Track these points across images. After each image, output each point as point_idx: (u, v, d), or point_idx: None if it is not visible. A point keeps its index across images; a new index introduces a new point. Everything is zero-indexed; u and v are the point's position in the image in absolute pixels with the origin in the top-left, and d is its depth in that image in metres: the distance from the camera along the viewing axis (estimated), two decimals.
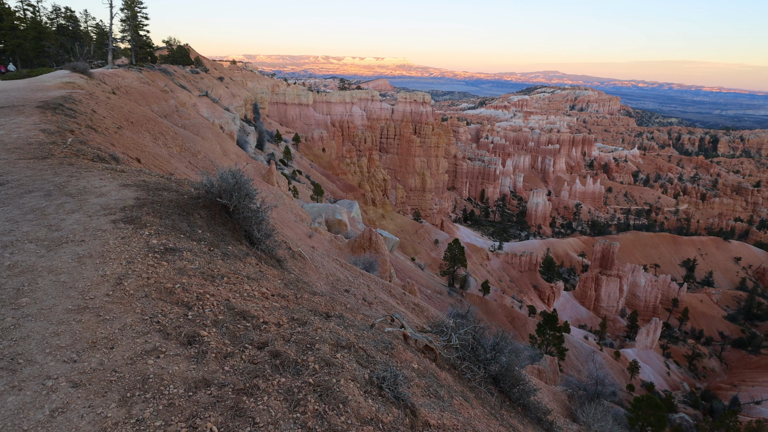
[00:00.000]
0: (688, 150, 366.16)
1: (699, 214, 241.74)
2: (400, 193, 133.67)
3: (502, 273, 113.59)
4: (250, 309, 5.62)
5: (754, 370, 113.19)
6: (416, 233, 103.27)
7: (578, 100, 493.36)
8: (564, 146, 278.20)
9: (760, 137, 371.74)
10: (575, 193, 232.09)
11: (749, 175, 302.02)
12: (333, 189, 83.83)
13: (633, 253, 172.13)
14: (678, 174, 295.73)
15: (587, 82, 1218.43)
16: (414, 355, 7.79)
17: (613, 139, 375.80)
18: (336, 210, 33.28)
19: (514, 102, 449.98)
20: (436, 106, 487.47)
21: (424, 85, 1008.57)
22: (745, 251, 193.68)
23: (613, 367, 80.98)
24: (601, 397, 20.34)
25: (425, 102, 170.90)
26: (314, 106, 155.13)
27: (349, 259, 18.57)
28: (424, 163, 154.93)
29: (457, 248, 60.02)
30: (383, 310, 11.06)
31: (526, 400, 10.00)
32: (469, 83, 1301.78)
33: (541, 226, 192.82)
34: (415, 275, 54.14)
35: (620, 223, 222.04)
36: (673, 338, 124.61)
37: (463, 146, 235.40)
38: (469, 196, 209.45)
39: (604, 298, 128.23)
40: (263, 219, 8.16)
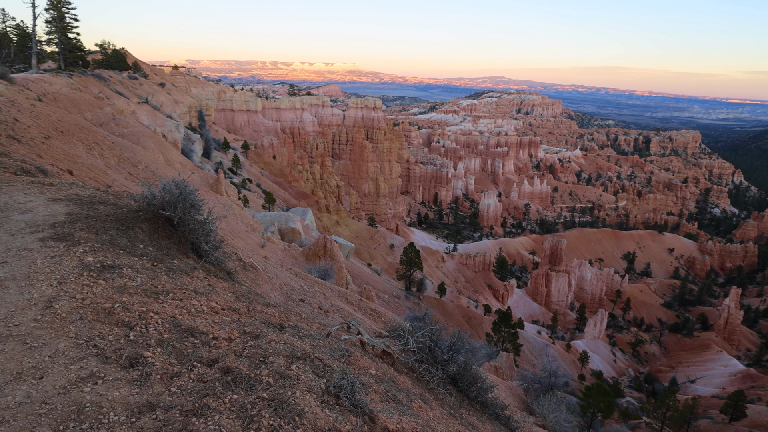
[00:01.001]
0: (625, 150, 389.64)
1: (636, 210, 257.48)
2: (354, 199, 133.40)
3: (457, 274, 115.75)
4: (199, 325, 5.38)
5: (689, 351, 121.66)
6: (372, 239, 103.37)
7: (524, 104, 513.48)
8: (512, 149, 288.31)
9: (685, 137, 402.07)
10: (524, 193, 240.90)
11: (678, 172, 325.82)
12: (285, 197, 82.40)
13: (579, 249, 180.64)
14: (617, 173, 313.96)
15: (531, 86, 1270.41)
16: (372, 361, 7.75)
17: (557, 141, 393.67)
18: (289, 218, 32.69)
19: (463, 106, 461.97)
20: (387, 111, 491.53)
21: (375, 90, 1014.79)
22: (677, 242, 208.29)
23: (565, 358, 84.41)
24: (554, 388, 21.05)
25: (377, 107, 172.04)
26: (263, 112, 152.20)
27: (304, 268, 18.28)
28: (378, 168, 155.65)
29: (412, 252, 60.59)
30: (340, 318, 10.95)
31: (484, 398, 10.17)
32: (419, 88, 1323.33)
33: (493, 227, 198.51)
34: (371, 281, 54.11)
35: (566, 221, 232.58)
36: (618, 327, 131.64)
37: (416, 151, 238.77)
38: (423, 200, 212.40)
39: (555, 293, 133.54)
40: (211, 230, 7.85)
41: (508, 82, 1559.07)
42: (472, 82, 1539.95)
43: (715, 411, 69.93)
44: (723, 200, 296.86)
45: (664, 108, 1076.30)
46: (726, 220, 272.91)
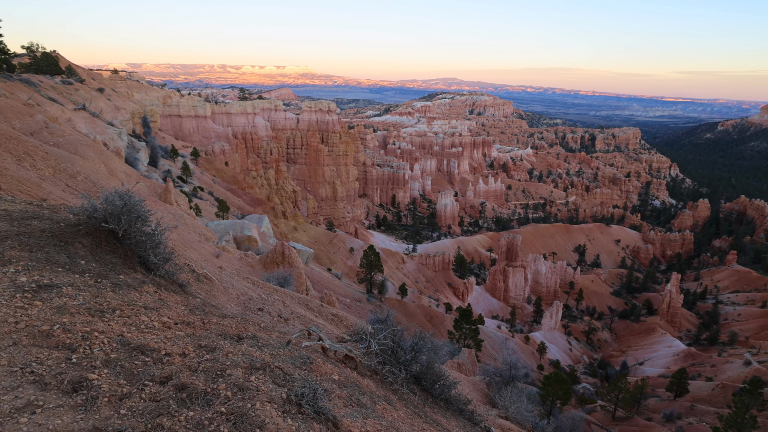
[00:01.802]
0: (572, 147, 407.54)
1: (585, 204, 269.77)
2: (311, 204, 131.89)
3: (417, 274, 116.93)
4: (150, 342, 5.13)
5: (637, 335, 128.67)
6: (331, 243, 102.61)
7: (476, 105, 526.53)
8: (466, 149, 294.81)
9: (626, 134, 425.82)
10: (479, 192, 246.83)
11: (621, 167, 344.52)
12: (240, 204, 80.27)
13: (533, 244, 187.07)
14: (566, 169, 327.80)
15: (483, 88, 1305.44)
16: (334, 367, 7.68)
17: (509, 140, 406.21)
18: (244, 226, 31.85)
19: (417, 108, 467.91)
20: (341, 114, 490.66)
21: (329, 93, 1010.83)
22: (623, 234, 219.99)
23: (524, 350, 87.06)
24: (515, 380, 21.59)
25: (331, 110, 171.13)
26: (213, 117, 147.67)
27: (262, 276, 17.86)
28: (334, 172, 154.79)
29: (372, 254, 60.64)
30: (300, 325, 10.78)
31: (448, 394, 10.29)
32: (373, 91, 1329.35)
33: (450, 226, 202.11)
34: (332, 286, 53.69)
35: (521, 218, 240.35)
36: (572, 317, 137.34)
37: (372, 153, 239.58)
38: (381, 202, 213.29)
39: (512, 288, 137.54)
40: (160, 242, 7.50)
41: (461, 83, 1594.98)
42: (425, 84, 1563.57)
43: (662, 389, 74.28)
44: (662, 192, 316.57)
45: (607, 107, 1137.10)
46: (665, 210, 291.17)
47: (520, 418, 16.16)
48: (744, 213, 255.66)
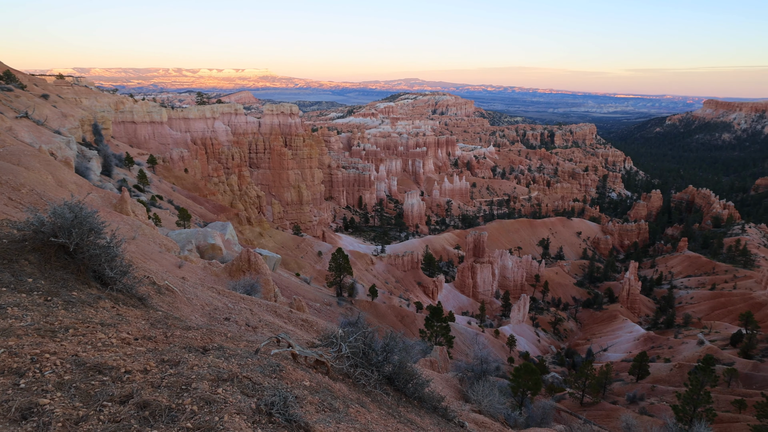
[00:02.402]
0: (533, 144, 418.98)
1: (547, 199, 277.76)
2: (276, 209, 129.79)
3: (387, 275, 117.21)
4: (108, 360, 4.89)
5: (600, 323, 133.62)
6: (298, 248, 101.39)
7: (438, 105, 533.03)
8: (431, 148, 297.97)
9: (583, 130, 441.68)
10: (445, 191, 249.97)
11: (579, 162, 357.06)
12: (202, 212, 78.05)
13: (499, 239, 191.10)
14: (527, 166, 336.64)
15: (445, 87, 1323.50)
16: (305, 373, 7.58)
17: (471, 138, 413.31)
18: (207, 234, 30.94)
19: (380, 109, 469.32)
20: (304, 116, 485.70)
21: (290, 96, 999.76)
22: (584, 226, 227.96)
23: (494, 344, 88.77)
24: (487, 374, 21.91)
25: (293, 113, 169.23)
26: (170, 123, 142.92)
27: (228, 285, 17.41)
28: (299, 176, 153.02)
29: (341, 257, 60.33)
30: (269, 333, 10.57)
31: (421, 393, 10.33)
32: (335, 92, 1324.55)
33: (418, 226, 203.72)
34: (301, 291, 53.03)
35: (486, 214, 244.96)
36: (539, 309, 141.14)
37: (336, 155, 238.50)
38: (348, 204, 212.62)
39: (481, 283, 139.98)
40: (116, 255, 7.15)
41: (423, 83, 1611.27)
42: (387, 85, 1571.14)
43: (625, 373, 77.47)
44: (618, 185, 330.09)
45: (564, 104, 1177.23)
46: (621, 202, 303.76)
47: (492, 411, 16.43)
48: (692, 202, 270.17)
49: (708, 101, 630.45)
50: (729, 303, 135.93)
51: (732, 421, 47.62)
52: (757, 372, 69.09)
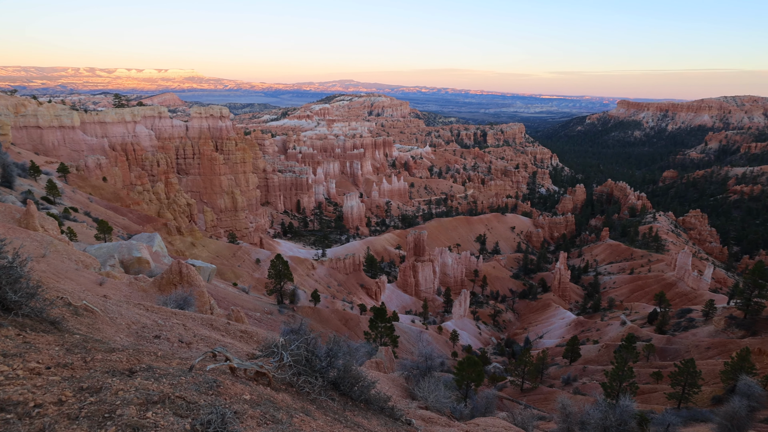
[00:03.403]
0: (467, 143, 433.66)
1: (482, 196, 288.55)
2: (209, 217, 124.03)
3: (329, 279, 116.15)
4: (12, 395, 4.37)
5: (535, 312, 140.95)
6: (234, 256, 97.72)
7: (374, 106, 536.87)
8: (368, 150, 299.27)
9: (513, 129, 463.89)
10: (384, 191, 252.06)
11: (511, 160, 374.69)
12: (125, 223, 72.81)
13: (439, 237, 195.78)
14: (462, 165, 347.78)
15: (380, 89, 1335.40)
16: (245, 386, 7.29)
17: (408, 139, 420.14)
18: (132, 247, 28.85)
19: (316, 111, 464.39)
20: (236, 119, 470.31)
21: (220, 98, 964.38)
22: (517, 221, 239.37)
23: (438, 341, 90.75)
24: (432, 370, 22.24)
25: (224, 116, 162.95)
26: (84, 128, 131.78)
27: (158, 300, 16.34)
28: (232, 181, 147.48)
29: (280, 264, 58.88)
30: (205, 348, 10.03)
31: (367, 395, 10.27)
32: (268, 94, 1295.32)
33: (358, 228, 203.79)
34: (239, 301, 51.12)
35: (425, 213, 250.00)
36: (479, 303, 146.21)
37: (272, 159, 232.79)
38: (286, 209, 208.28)
39: (422, 282, 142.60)
40: (21, 276, 6.42)
41: (358, 85, 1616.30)
42: (322, 87, 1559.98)
43: (560, 357, 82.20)
44: (546, 180, 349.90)
45: (494, 104, 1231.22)
46: (550, 197, 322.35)
47: (439, 406, 16.71)
48: (612, 194, 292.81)
49: (621, 102, 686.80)
50: (645, 285, 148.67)
51: (651, 391, 52.03)
52: (670, 345, 76.03)
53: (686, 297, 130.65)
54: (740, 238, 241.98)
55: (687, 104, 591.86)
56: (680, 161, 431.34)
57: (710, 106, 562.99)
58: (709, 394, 45.29)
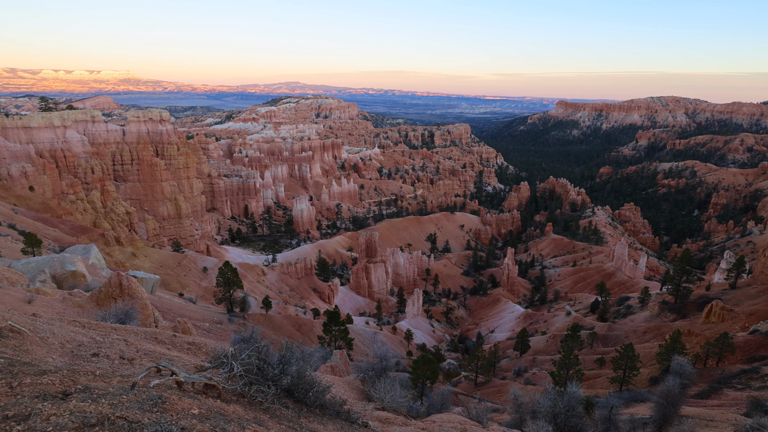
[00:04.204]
0: (415, 144, 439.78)
1: (431, 196, 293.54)
2: (151, 225, 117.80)
3: (281, 284, 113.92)
4: None
5: (486, 307, 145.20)
6: (180, 265, 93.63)
7: (322, 108, 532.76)
8: (316, 152, 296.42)
9: (459, 130, 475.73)
10: (334, 194, 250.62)
11: (458, 160, 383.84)
12: (57, 235, 67.81)
13: (390, 238, 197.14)
14: (411, 165, 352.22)
15: (327, 91, 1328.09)
16: (193, 400, 6.99)
17: (356, 141, 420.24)
18: (65, 260, 26.80)
19: (262, 114, 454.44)
20: (177, 123, 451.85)
21: (159, 101, 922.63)
22: (466, 219, 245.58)
23: (393, 341, 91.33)
24: (387, 370, 22.29)
25: (164, 119, 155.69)
26: (5, 133, 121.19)
27: (96, 316, 15.29)
28: (175, 187, 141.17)
29: (229, 271, 57.07)
30: (149, 363, 9.52)
31: (323, 400, 10.15)
32: (211, 97, 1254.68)
33: (309, 231, 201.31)
34: (187, 311, 49.00)
35: (376, 215, 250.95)
36: (432, 301, 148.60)
37: (217, 163, 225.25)
38: (233, 215, 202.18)
39: (375, 283, 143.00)
40: None
41: (304, 87, 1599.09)
42: (268, 89, 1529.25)
43: (511, 350, 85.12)
44: (492, 179, 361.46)
45: (441, 105, 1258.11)
46: (496, 195, 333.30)
47: (395, 406, 16.78)
48: (554, 191, 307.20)
49: (560, 102, 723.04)
50: (587, 276, 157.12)
51: (596, 377, 55.02)
52: (611, 332, 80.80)
53: (624, 285, 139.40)
54: (669, 229, 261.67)
55: (619, 104, 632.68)
56: (614, 158, 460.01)
57: (639, 106, 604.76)
58: (647, 375, 48.53)
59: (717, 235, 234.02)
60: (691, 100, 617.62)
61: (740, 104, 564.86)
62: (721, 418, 19.27)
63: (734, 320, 62.28)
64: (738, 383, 33.50)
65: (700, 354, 46.28)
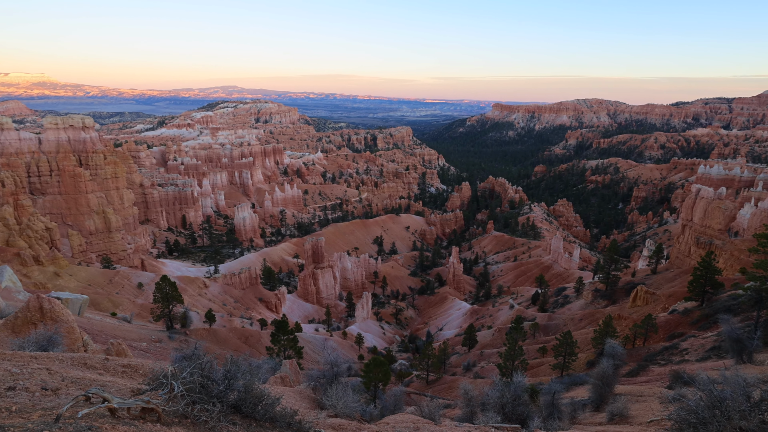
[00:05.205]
0: (358, 148, 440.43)
1: (376, 199, 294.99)
2: (76, 241, 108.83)
3: (224, 296, 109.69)
4: None
5: (434, 306, 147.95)
6: (111, 283, 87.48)
7: (261, 113, 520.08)
8: (257, 158, 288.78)
9: (401, 132, 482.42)
10: (277, 200, 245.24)
11: (401, 162, 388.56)
12: None
13: (337, 242, 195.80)
14: (355, 169, 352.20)
15: (266, 95, 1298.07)
16: (129, 427, 6.51)
17: (299, 146, 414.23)
18: None
19: (198, 119, 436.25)
20: (103, 130, 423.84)
21: (81, 106, 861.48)
22: (411, 220, 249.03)
23: (344, 346, 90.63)
24: (339, 377, 22.02)
25: (87, 126, 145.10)
26: None
27: (11, 345, 13.80)
28: (103, 199, 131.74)
29: (167, 285, 54.06)
30: (77, 391, 8.72)
31: (272, 413, 9.80)
32: (141, 102, 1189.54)
33: (253, 239, 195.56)
34: (121, 332, 45.81)
35: (321, 220, 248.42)
36: (381, 303, 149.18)
37: (150, 172, 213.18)
38: (170, 226, 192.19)
39: (323, 289, 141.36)
40: None
41: (242, 91, 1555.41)
42: (203, 93, 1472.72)
43: (460, 346, 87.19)
44: (435, 180, 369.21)
45: (382, 109, 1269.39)
46: (439, 195, 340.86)
47: (348, 411, 16.57)
48: (493, 189, 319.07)
49: (496, 105, 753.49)
50: (527, 270, 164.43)
51: (539, 365, 57.59)
52: (551, 322, 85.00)
53: (561, 277, 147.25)
54: (598, 221, 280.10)
55: (549, 106, 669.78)
56: (547, 157, 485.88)
57: (567, 108, 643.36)
58: (585, 359, 51.45)
59: (639, 225, 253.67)
60: (612, 102, 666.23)
61: (653, 106, 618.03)
62: (648, 392, 20.77)
63: (656, 302, 67.63)
64: (661, 359, 36.36)
65: (629, 336, 49.77)
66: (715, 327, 40.71)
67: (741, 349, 23.90)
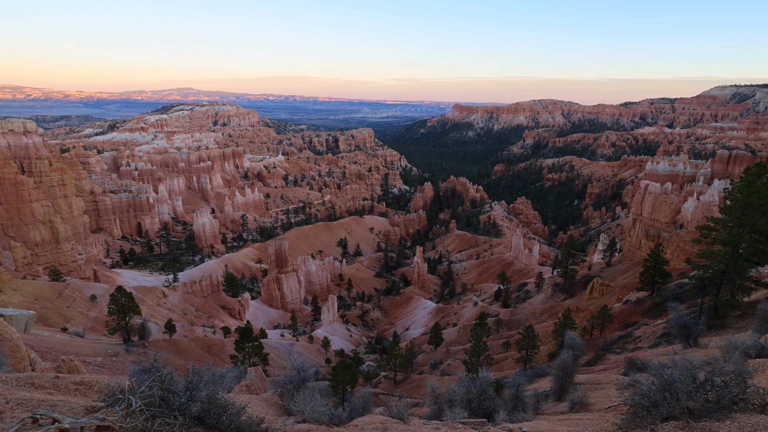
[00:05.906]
0: (320, 150, 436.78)
1: (339, 201, 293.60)
2: (20, 253, 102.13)
3: (185, 305, 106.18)
4: None
5: (400, 306, 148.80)
6: (61, 296, 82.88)
7: (219, 116, 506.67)
8: (216, 162, 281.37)
9: (363, 134, 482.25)
10: (238, 205, 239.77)
11: (363, 164, 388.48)
12: None
13: (300, 246, 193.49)
14: (317, 171, 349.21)
15: (224, 97, 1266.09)
16: None
17: (259, 149, 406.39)
18: None
19: (151, 122, 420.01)
20: (48, 135, 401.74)
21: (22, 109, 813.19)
22: (375, 222, 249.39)
23: (310, 350, 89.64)
24: (306, 381, 21.70)
25: (29, 131, 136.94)
26: None
27: None
28: (49, 208, 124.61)
29: (123, 296, 51.75)
30: (23, 413, 8.21)
31: (238, 422, 9.56)
32: (89, 105, 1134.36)
33: (213, 246, 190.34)
34: (73, 348, 43.44)
35: (284, 224, 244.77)
36: (347, 306, 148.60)
37: (101, 179, 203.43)
38: (124, 234, 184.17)
39: (288, 293, 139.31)
40: None
41: (198, 93, 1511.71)
42: (156, 95, 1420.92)
43: (426, 345, 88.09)
44: (398, 181, 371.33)
45: (343, 110, 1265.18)
46: (402, 196, 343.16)
47: (316, 416, 16.38)
48: (455, 189, 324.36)
49: (455, 105, 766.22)
50: (490, 267, 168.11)
51: (503, 360, 58.98)
52: (514, 317, 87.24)
53: (522, 273, 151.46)
54: (556, 218, 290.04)
55: (507, 107, 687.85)
56: (506, 156, 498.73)
57: (524, 108, 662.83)
58: (546, 351, 53.11)
59: (593, 220, 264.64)
60: (566, 102, 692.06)
61: (604, 106, 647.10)
62: (606, 380, 21.69)
63: (611, 294, 70.73)
64: (617, 348, 38.08)
65: (587, 327, 51.79)
66: (665, 315, 43.03)
67: (688, 334, 25.36)
